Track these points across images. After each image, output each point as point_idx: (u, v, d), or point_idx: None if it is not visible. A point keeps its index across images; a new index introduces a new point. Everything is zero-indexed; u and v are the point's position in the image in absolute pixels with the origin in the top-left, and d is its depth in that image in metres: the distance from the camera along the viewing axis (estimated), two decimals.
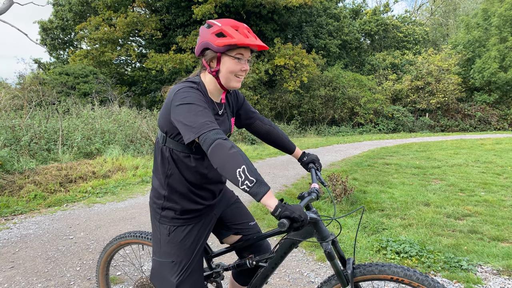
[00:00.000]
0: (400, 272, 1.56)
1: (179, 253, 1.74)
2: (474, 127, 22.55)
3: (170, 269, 1.74)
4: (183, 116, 1.46)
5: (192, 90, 1.56)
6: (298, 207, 1.35)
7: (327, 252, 1.62)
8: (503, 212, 4.95)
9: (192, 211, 1.78)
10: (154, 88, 21.45)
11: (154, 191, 1.80)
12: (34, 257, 3.61)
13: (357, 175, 7.62)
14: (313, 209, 1.68)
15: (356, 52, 27.13)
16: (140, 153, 9.27)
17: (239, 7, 17.99)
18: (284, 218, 1.31)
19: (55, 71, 17.46)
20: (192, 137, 1.41)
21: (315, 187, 1.78)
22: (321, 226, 1.63)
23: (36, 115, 9.87)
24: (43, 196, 5.70)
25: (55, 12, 23.39)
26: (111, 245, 2.32)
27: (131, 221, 4.75)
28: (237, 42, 1.53)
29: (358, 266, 1.66)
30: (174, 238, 1.75)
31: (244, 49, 1.61)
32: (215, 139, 1.37)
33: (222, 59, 1.61)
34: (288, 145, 2.10)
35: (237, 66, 1.61)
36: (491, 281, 3.04)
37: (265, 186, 1.31)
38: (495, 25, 22.12)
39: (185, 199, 1.75)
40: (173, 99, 1.54)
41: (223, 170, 1.35)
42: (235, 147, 1.37)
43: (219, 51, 1.58)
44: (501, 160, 9.46)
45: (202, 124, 1.41)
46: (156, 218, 1.78)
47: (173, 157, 1.68)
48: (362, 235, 4.11)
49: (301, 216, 1.31)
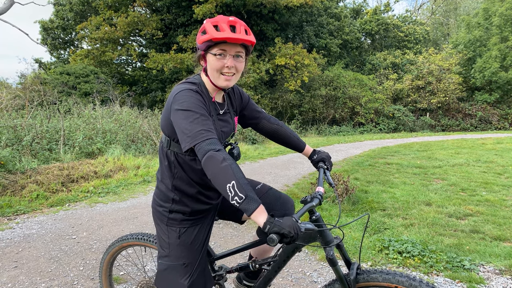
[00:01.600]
0: (405, 281, 1.51)
1: (190, 255, 1.74)
2: (475, 126, 22.53)
3: (181, 271, 1.72)
4: (180, 123, 1.48)
5: (191, 93, 1.55)
6: (289, 222, 1.32)
7: (329, 258, 1.59)
8: (505, 211, 4.95)
9: (201, 212, 1.79)
10: (155, 87, 21.45)
11: (159, 194, 1.78)
12: (37, 256, 3.62)
13: (359, 175, 7.62)
14: (317, 213, 1.62)
15: (357, 51, 27.09)
16: (141, 153, 9.28)
17: (239, 7, 17.99)
18: (274, 234, 1.30)
19: (56, 71, 17.47)
20: (187, 146, 1.44)
21: (319, 191, 1.72)
22: (324, 231, 1.60)
23: (38, 115, 9.88)
24: (45, 196, 5.72)
25: (55, 12, 23.40)
26: (113, 247, 2.33)
27: (133, 221, 4.76)
28: (210, 38, 1.53)
29: (362, 272, 1.62)
30: (185, 240, 1.73)
31: (226, 45, 1.57)
32: (208, 150, 1.38)
33: (207, 57, 1.62)
34: (297, 143, 2.06)
35: (218, 63, 1.58)
36: (494, 281, 3.05)
37: (254, 203, 1.32)
38: (496, 24, 22.08)
39: (194, 201, 1.75)
40: (172, 102, 1.55)
41: (215, 182, 1.37)
42: (226, 160, 1.36)
43: (201, 48, 1.60)
44: (502, 160, 9.46)
45: (197, 134, 1.42)
46: (163, 221, 1.76)
47: (178, 161, 1.68)
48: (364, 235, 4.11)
49: (290, 232, 1.30)
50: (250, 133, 14.05)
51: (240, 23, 1.59)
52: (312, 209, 1.62)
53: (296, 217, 1.40)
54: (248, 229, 4.42)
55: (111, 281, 2.54)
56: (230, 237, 4.19)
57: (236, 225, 4.55)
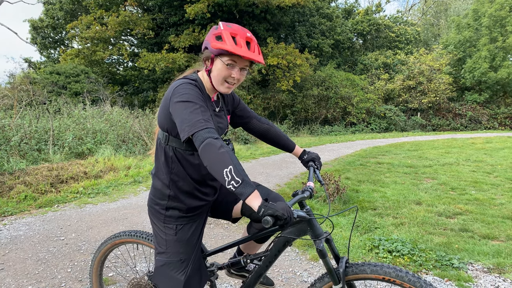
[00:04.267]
0: (392, 272, 1.57)
1: (186, 251, 1.79)
2: (465, 126, 22.80)
3: (178, 267, 1.78)
4: (180, 114, 1.51)
5: (191, 86, 1.61)
6: (282, 205, 1.38)
7: (319, 250, 1.65)
8: (493, 210, 5.00)
9: (196, 208, 1.82)
10: (146, 87, 21.33)
11: (156, 192, 1.81)
12: (25, 258, 3.56)
13: (350, 174, 7.65)
14: (307, 207, 1.69)
15: (349, 51, 27.24)
16: (132, 153, 9.20)
17: (231, 7, 17.95)
18: (268, 216, 1.34)
19: (46, 70, 17.26)
20: (186, 135, 1.47)
21: (309, 186, 1.80)
22: (314, 224, 1.66)
23: (27, 115, 9.74)
24: (33, 197, 5.63)
25: (45, 11, 23.13)
26: (106, 244, 2.31)
27: (123, 222, 4.71)
28: (228, 49, 1.57)
29: (351, 265, 1.67)
30: (182, 236, 1.78)
31: (238, 58, 1.63)
32: (206, 138, 1.42)
33: (215, 61, 1.66)
34: (287, 143, 2.11)
35: (226, 72, 1.64)
36: (482, 279, 3.07)
37: (250, 188, 1.36)
38: (485, 25, 22.36)
39: (190, 197, 1.78)
40: (172, 94, 1.59)
41: (211, 168, 1.40)
42: (224, 147, 1.41)
43: (213, 53, 1.64)
44: (492, 159, 9.57)
45: (196, 122, 1.46)
46: (160, 219, 1.79)
47: (177, 156, 1.71)
48: (354, 234, 4.13)
49: (284, 214, 1.35)
50: (243, 133, 14.03)
51: (255, 42, 1.66)
52: (303, 201, 1.69)
53: (288, 204, 1.45)
54: (239, 229, 4.40)
55: (101, 281, 2.51)
56: (220, 237, 4.17)
57: (227, 225, 4.53)
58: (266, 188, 2.00)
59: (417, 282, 1.52)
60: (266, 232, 1.83)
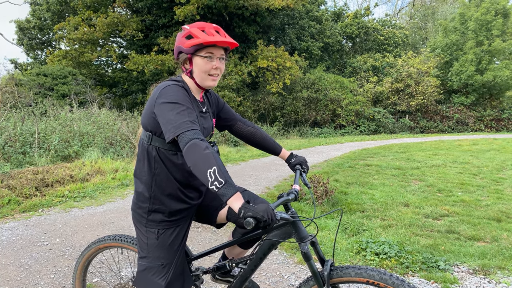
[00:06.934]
0: (376, 275, 1.58)
1: (168, 256, 1.77)
2: (452, 128, 23.13)
3: (159, 272, 1.76)
4: (165, 115, 1.52)
5: (177, 87, 1.63)
6: (264, 207, 1.37)
7: (303, 252, 1.65)
8: (479, 211, 5.06)
9: (180, 212, 1.80)
10: (135, 89, 21.12)
11: (138, 195, 1.79)
12: (6, 264, 3.48)
13: (339, 177, 7.68)
14: (292, 209, 1.68)
15: (338, 54, 27.43)
16: (120, 156, 9.09)
17: (221, 9, 17.93)
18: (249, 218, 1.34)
19: (32, 72, 16.97)
20: (171, 136, 1.47)
21: (295, 188, 1.80)
22: (299, 227, 1.66)
23: (11, 117, 9.56)
24: (17, 201, 5.52)
25: (32, 12, 22.78)
26: (89, 249, 2.27)
27: (109, 226, 4.64)
28: (202, 41, 1.60)
29: (336, 268, 1.67)
30: (163, 241, 1.76)
31: (214, 48, 1.65)
32: (192, 139, 1.42)
33: (194, 60, 1.68)
34: (273, 146, 2.11)
35: (207, 65, 1.66)
36: (467, 281, 3.09)
37: (233, 189, 1.37)
38: (471, 29, 22.75)
39: (173, 200, 1.77)
40: (158, 96, 1.60)
41: (195, 169, 1.40)
42: (209, 148, 1.42)
43: (189, 52, 1.65)
44: (478, 161, 9.71)
45: (182, 124, 1.47)
46: (142, 223, 1.78)
47: (160, 156, 1.70)
48: (342, 237, 4.13)
49: (264, 216, 1.34)
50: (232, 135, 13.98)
51: (222, 31, 1.70)
52: (288, 204, 1.69)
53: (272, 206, 1.44)
54: (227, 233, 4.37)
55: (85, 287, 2.45)
56: (208, 241, 4.13)
57: (215, 229, 4.49)
58: (252, 193, 1.98)
59: (401, 285, 1.52)
60: (251, 235, 1.81)
